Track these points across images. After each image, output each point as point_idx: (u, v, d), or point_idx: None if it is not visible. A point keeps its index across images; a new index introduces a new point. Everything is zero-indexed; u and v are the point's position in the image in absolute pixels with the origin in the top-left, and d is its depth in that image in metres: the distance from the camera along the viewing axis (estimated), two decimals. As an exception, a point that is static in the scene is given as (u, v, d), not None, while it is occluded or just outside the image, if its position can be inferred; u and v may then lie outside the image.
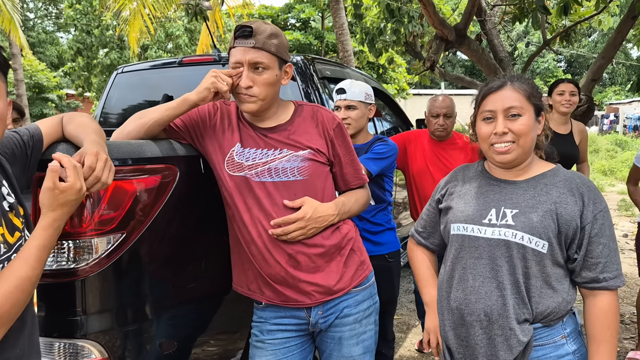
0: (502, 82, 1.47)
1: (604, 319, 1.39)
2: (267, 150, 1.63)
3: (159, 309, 1.56)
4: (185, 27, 16.02)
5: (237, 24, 1.64)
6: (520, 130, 1.41)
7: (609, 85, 36.23)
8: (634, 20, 4.46)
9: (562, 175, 1.46)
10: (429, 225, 1.70)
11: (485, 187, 1.52)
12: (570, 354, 1.41)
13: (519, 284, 1.39)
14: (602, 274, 1.39)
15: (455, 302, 1.47)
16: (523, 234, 1.38)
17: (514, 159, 1.44)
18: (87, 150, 1.19)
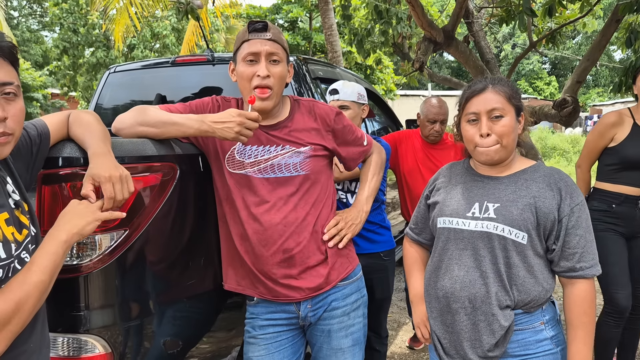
0: (484, 85, 1.55)
1: (581, 306, 1.49)
2: (270, 146, 1.67)
3: (161, 305, 1.58)
4: (173, 27, 15.93)
5: (224, 23, 1.68)
6: (503, 131, 1.50)
7: (593, 87, 36.78)
8: (617, 23, 4.56)
9: (542, 171, 1.56)
10: (420, 221, 1.79)
11: (470, 183, 1.61)
12: (548, 339, 1.51)
13: (500, 273, 1.48)
14: (579, 263, 1.48)
15: (442, 290, 1.57)
16: (504, 226, 1.48)
17: (498, 158, 1.53)
18: (98, 173, 1.24)
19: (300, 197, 1.66)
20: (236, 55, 1.69)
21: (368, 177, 1.94)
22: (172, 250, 1.63)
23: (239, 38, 1.68)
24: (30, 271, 1.04)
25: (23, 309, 1.01)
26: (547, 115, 5.14)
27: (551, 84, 35.41)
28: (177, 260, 1.65)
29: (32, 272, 1.04)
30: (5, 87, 1.05)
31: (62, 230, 1.12)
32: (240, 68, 1.65)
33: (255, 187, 1.65)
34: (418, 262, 1.80)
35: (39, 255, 1.07)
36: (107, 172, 1.24)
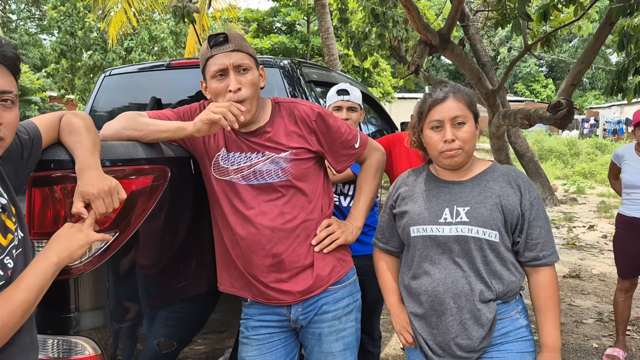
0: (445, 94, 1.61)
1: (547, 291, 1.60)
2: (251, 153, 1.67)
3: (153, 307, 1.59)
4: (171, 30, 15.95)
5: (223, 26, 1.67)
6: (465, 137, 1.58)
7: (589, 90, 36.87)
8: (611, 26, 4.58)
9: (500, 170, 1.64)
10: (386, 230, 1.81)
11: (435, 189, 1.66)
12: (523, 327, 1.62)
13: (479, 271, 1.55)
14: (541, 252, 1.59)
15: (425, 295, 1.61)
16: (477, 227, 1.55)
17: (461, 163, 1.61)
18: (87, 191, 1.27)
19: (285, 202, 1.66)
20: (204, 73, 1.67)
21: (362, 186, 1.88)
22: (164, 252, 1.64)
23: (202, 55, 1.66)
24: (18, 288, 1.06)
25: (6, 326, 1.03)
26: (541, 118, 5.16)
27: (548, 87, 35.50)
28: (170, 262, 1.66)
29: (19, 290, 1.06)
30: (5, 94, 1.09)
31: (54, 252, 1.16)
32: (211, 85, 1.64)
33: (240, 194, 1.66)
34: (389, 272, 1.83)
35: (28, 273, 1.10)
36: (96, 189, 1.27)
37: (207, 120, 1.51)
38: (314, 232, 1.71)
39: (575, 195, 11.27)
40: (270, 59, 3.04)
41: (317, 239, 1.71)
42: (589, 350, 3.55)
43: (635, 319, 4.07)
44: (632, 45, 4.29)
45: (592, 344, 3.64)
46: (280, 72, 2.95)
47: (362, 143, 1.84)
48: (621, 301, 3.41)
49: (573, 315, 4.21)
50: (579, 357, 3.44)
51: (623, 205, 3.32)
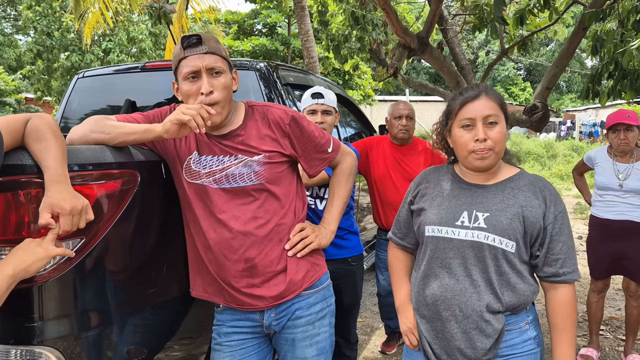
0: (477, 92, 1.55)
1: (565, 309, 1.53)
2: (223, 157, 1.65)
3: (121, 314, 1.56)
4: (150, 31, 15.78)
5: (203, 28, 1.65)
6: (497, 137, 1.51)
7: (566, 93, 37.54)
8: (584, 31, 4.67)
9: (527, 179, 1.57)
10: (403, 226, 1.76)
11: (457, 190, 1.60)
12: (531, 339, 1.55)
13: (491, 281, 1.49)
14: (562, 268, 1.52)
15: (431, 298, 1.56)
16: (494, 236, 1.48)
17: (491, 164, 1.54)
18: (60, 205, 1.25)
19: (258, 206, 1.64)
20: (176, 74, 1.64)
21: (335, 190, 1.88)
22: (134, 258, 1.61)
23: (175, 56, 1.64)
24: None
25: None
26: (518, 120, 5.22)
27: (526, 90, 36.02)
28: (140, 268, 1.63)
29: None
30: None
31: (11, 264, 1.16)
32: (183, 87, 1.61)
33: (212, 198, 1.63)
34: (403, 269, 1.78)
35: None
36: (69, 205, 1.25)
37: (176, 120, 1.48)
38: (287, 237, 1.69)
39: (552, 197, 11.42)
40: (246, 62, 3.02)
41: (291, 243, 1.69)
42: (564, 350, 3.59)
43: (608, 319, 4.14)
44: (605, 50, 4.37)
45: (567, 344, 3.68)
46: (256, 74, 2.94)
47: (335, 147, 1.84)
48: (594, 302, 3.46)
49: (549, 315, 4.26)
50: (554, 358, 3.48)
51: (595, 207, 3.37)
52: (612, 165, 3.27)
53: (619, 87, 4.51)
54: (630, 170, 3.19)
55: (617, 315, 4.24)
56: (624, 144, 3.16)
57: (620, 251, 3.22)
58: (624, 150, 3.20)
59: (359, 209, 4.12)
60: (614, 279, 3.89)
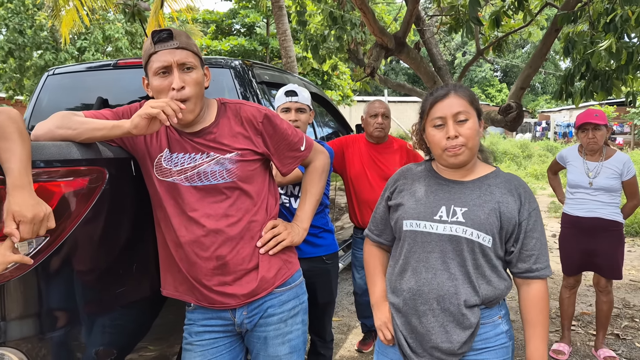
0: (447, 91, 1.58)
1: (538, 305, 1.57)
2: (195, 154, 1.63)
3: (89, 314, 1.52)
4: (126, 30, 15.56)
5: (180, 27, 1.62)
6: (468, 133, 1.54)
7: (541, 94, 38.21)
8: (557, 32, 4.75)
9: (502, 177, 1.61)
10: (380, 222, 1.77)
11: (434, 186, 1.63)
12: (503, 333, 1.59)
13: (469, 275, 1.52)
14: (535, 264, 1.56)
15: (409, 292, 1.58)
16: (472, 230, 1.51)
17: (465, 160, 1.56)
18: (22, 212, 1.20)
19: (230, 204, 1.63)
20: (147, 69, 1.61)
21: (308, 188, 1.87)
22: (102, 257, 1.58)
23: (145, 51, 1.61)
24: None
25: None
26: (493, 120, 5.29)
27: (502, 91, 36.56)
28: (108, 266, 1.60)
29: None
30: None
31: None
32: (154, 82, 1.58)
33: (183, 196, 1.61)
34: (379, 266, 1.79)
35: None
36: (31, 213, 1.21)
37: (145, 114, 1.45)
38: (259, 234, 1.68)
39: (527, 196, 11.60)
40: (221, 60, 2.99)
41: (263, 240, 1.68)
42: (537, 346, 3.65)
43: (579, 315, 4.22)
44: (576, 51, 4.45)
45: (540, 340, 3.74)
46: (231, 72, 2.91)
47: (308, 146, 1.84)
48: (566, 298, 3.52)
49: (523, 312, 4.32)
50: (527, 354, 3.53)
51: (567, 205, 3.44)
52: (583, 163, 3.34)
53: (590, 88, 4.60)
54: (599, 169, 3.26)
55: (588, 310, 4.32)
56: (592, 143, 3.23)
57: (590, 248, 3.28)
58: (593, 149, 3.27)
59: (336, 208, 4.12)
60: (585, 276, 3.97)
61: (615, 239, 3.28)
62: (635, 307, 4.45)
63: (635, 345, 3.65)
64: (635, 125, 21.49)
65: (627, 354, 3.52)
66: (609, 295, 3.40)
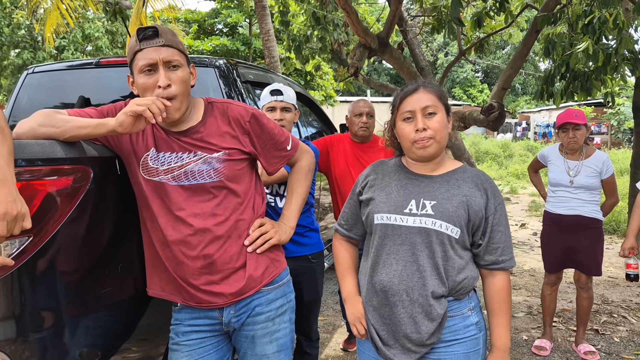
0: (416, 86, 1.64)
1: (501, 295, 1.64)
2: (182, 153, 1.62)
3: (73, 315, 1.50)
4: (106, 29, 15.37)
5: None
6: (437, 126, 1.59)
7: (521, 95, 38.72)
8: (537, 34, 4.83)
9: (469, 172, 1.66)
10: (350, 217, 1.80)
11: (404, 180, 1.67)
12: (473, 325, 1.63)
13: (437, 266, 1.56)
14: (501, 256, 1.63)
15: (379, 284, 1.61)
16: (441, 222, 1.56)
17: (433, 153, 1.61)
18: None
19: (217, 203, 1.62)
20: (132, 67, 1.60)
21: (294, 187, 1.88)
22: (87, 257, 1.56)
23: (130, 48, 1.59)
24: None
25: None
26: (475, 120, 5.35)
27: (484, 92, 36.97)
28: (93, 267, 1.58)
29: None
30: None
31: None
32: (139, 80, 1.57)
33: (170, 195, 1.60)
34: (349, 260, 1.82)
35: None
36: (3, 209, 1.16)
37: (130, 112, 1.44)
38: (247, 232, 1.68)
39: (509, 195, 11.77)
40: (205, 59, 2.98)
41: (250, 239, 1.68)
42: (520, 342, 3.70)
43: (560, 311, 4.29)
44: (556, 52, 4.53)
45: (522, 336, 3.80)
46: (215, 72, 2.90)
47: (294, 145, 1.85)
48: (548, 294, 3.58)
49: (505, 309, 4.38)
50: (510, 350, 3.58)
51: (549, 203, 3.49)
52: (563, 162, 3.40)
53: (571, 89, 4.69)
54: (580, 167, 3.32)
55: (569, 307, 4.40)
56: (573, 142, 3.29)
57: (571, 245, 3.34)
58: (574, 148, 3.33)
59: (321, 208, 4.13)
60: (565, 273, 4.04)
61: (595, 236, 3.34)
62: (613, 302, 4.54)
63: (614, 340, 3.73)
64: (612, 126, 21.92)
65: (606, 348, 3.59)
66: (589, 292, 3.47)
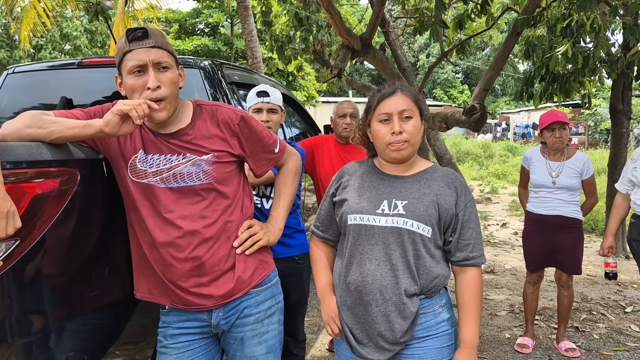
0: (394, 89, 1.67)
1: (471, 290, 1.67)
2: (171, 155, 1.61)
3: (59, 319, 1.49)
4: (85, 28, 15.15)
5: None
6: (412, 130, 1.63)
7: (501, 96, 39.22)
8: (517, 36, 4.89)
9: (440, 171, 1.71)
10: (325, 219, 1.83)
11: (376, 181, 1.70)
12: (445, 321, 1.67)
13: (410, 265, 1.60)
14: (472, 253, 1.66)
15: (353, 284, 1.64)
16: (413, 221, 1.59)
17: (407, 156, 1.65)
18: None
19: (206, 205, 1.62)
20: (120, 67, 1.59)
21: (282, 189, 1.89)
22: (74, 260, 1.54)
23: (119, 49, 1.58)
24: None
25: None
26: (458, 121, 5.40)
27: (464, 93, 37.39)
28: (80, 270, 1.57)
29: None
30: None
31: None
32: (128, 81, 1.56)
33: (159, 197, 1.60)
34: (325, 260, 1.84)
35: None
36: None
37: (117, 111, 1.43)
38: (235, 234, 1.68)
39: (489, 195, 11.91)
40: (190, 60, 2.96)
41: (239, 240, 1.68)
42: (502, 340, 3.76)
43: (542, 309, 4.37)
44: (536, 55, 4.60)
45: (505, 335, 3.86)
46: (201, 73, 2.89)
47: (282, 148, 1.87)
48: (529, 293, 3.64)
49: (488, 308, 4.44)
50: (493, 348, 3.63)
51: (531, 203, 3.55)
52: (545, 163, 3.46)
53: (550, 90, 4.77)
54: (561, 168, 3.39)
55: (550, 305, 4.47)
56: (558, 142, 3.35)
57: (552, 244, 3.41)
58: (558, 148, 3.39)
59: (305, 209, 4.14)
60: (546, 271, 4.11)
61: (575, 236, 3.41)
62: (592, 300, 4.64)
63: (594, 337, 3.81)
64: (589, 126, 22.34)
65: (586, 345, 3.66)
66: (569, 290, 3.54)
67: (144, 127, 1.65)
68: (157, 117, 1.57)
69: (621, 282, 5.17)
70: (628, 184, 3.17)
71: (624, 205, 3.24)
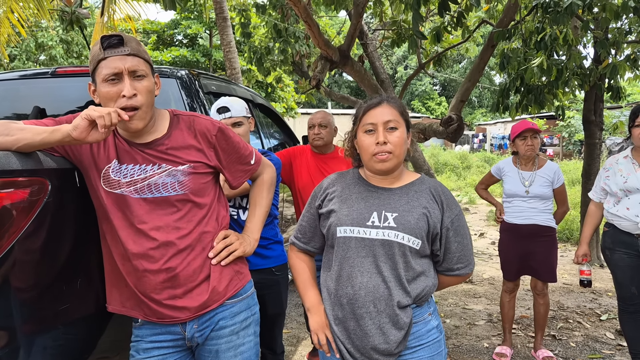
0: (380, 100, 1.67)
1: (450, 281, 1.74)
2: (146, 165, 1.59)
3: (28, 334, 1.44)
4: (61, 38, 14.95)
5: None
6: (397, 141, 1.62)
7: (478, 108, 39.86)
8: (493, 48, 4.99)
9: (427, 183, 1.71)
10: (309, 230, 1.80)
11: (364, 193, 1.69)
12: (434, 328, 1.68)
13: (400, 277, 1.59)
14: (456, 264, 1.70)
15: (345, 298, 1.62)
16: (403, 234, 1.59)
17: (391, 167, 1.64)
18: None
19: (181, 216, 1.59)
20: (94, 75, 1.56)
21: (257, 200, 1.88)
22: (44, 273, 1.50)
23: (94, 56, 1.55)
24: None
25: None
26: (435, 132, 5.47)
27: (442, 104, 37.88)
28: (50, 283, 1.52)
29: None
30: None
31: None
32: (102, 89, 1.52)
33: (132, 208, 1.56)
34: (309, 271, 1.82)
35: None
36: None
37: (85, 115, 1.38)
38: (210, 245, 1.65)
39: (467, 206, 12.04)
40: (167, 69, 2.93)
41: (215, 251, 1.65)
42: (481, 350, 3.77)
43: (519, 318, 4.40)
44: (511, 67, 4.69)
45: (483, 344, 3.88)
46: (177, 82, 2.86)
47: (257, 160, 1.88)
48: (507, 302, 3.67)
49: (467, 318, 4.46)
50: (472, 357, 3.64)
51: (505, 214, 3.59)
52: (518, 173, 3.51)
53: (525, 102, 4.86)
54: (533, 177, 3.44)
55: (527, 314, 4.51)
56: (530, 150, 3.40)
57: (527, 252, 3.45)
58: (530, 156, 3.44)
59: (283, 220, 4.11)
60: (523, 280, 4.15)
61: (549, 244, 3.46)
62: (569, 308, 4.70)
63: (570, 345, 3.85)
64: (563, 138, 22.82)
65: (563, 353, 3.70)
66: (545, 298, 3.57)
67: (118, 136, 1.61)
68: (133, 127, 1.54)
69: (596, 290, 5.25)
70: (601, 193, 3.23)
71: (597, 213, 3.29)
